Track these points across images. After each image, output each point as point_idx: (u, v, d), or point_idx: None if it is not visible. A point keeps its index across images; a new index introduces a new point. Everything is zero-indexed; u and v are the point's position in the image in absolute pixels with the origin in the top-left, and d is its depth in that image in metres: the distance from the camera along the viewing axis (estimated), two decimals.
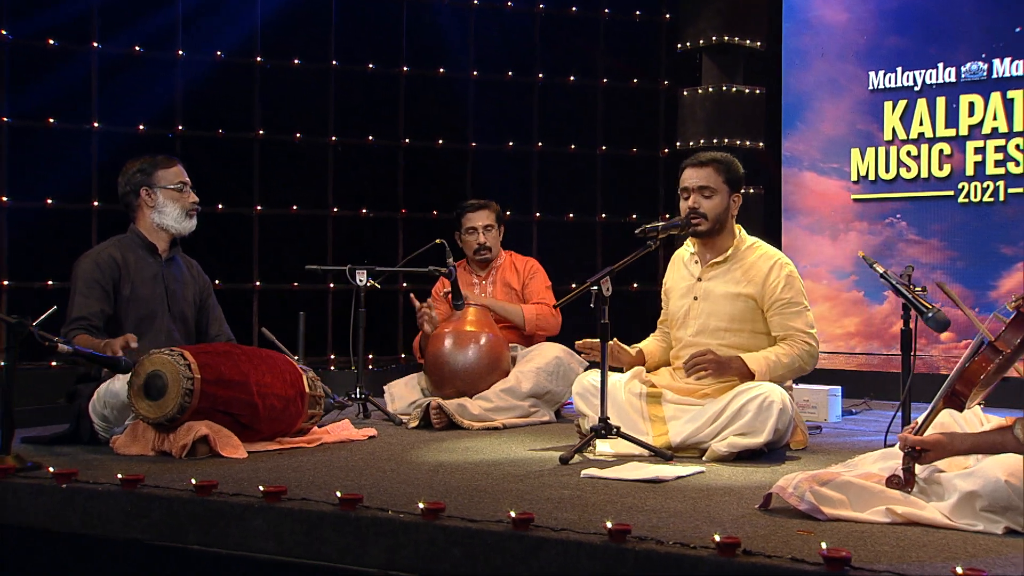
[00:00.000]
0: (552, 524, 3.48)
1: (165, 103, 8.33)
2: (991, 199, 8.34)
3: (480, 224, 6.70)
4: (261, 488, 3.88)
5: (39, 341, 4.53)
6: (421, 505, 3.60)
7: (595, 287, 4.82)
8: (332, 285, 8.60)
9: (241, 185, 8.46)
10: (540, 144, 9.19)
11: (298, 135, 8.64)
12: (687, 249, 5.45)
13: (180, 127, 8.30)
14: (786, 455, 4.99)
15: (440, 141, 8.98)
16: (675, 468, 4.51)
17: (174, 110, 8.33)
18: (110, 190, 7.90)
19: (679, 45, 9.19)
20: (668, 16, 9.39)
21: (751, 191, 8.97)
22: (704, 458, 4.83)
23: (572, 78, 9.27)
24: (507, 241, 7.04)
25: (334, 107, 8.72)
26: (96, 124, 8.04)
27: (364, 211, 8.80)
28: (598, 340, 5.07)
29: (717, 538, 3.12)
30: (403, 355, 8.74)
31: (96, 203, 8.01)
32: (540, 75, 9.19)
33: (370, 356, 8.39)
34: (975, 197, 8.39)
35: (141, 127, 8.18)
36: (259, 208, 8.48)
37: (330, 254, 8.65)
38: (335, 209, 8.70)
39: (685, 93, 9.08)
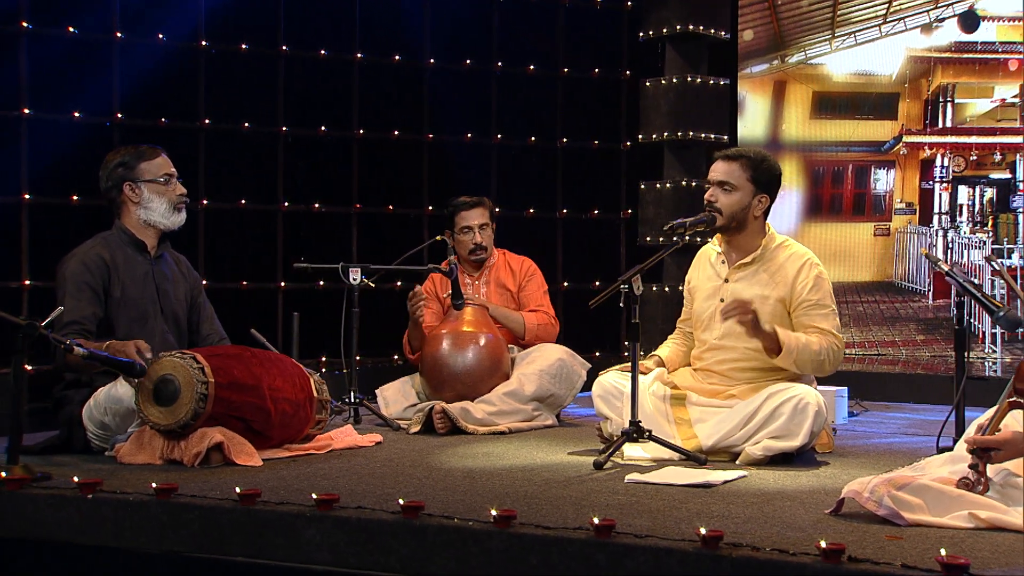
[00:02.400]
0: (626, 530, 3.55)
1: (102, 89, 8.20)
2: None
3: (476, 223, 6.78)
4: (314, 496, 3.92)
5: (54, 344, 4.53)
6: (494, 512, 3.66)
7: (625, 286, 4.92)
8: (283, 284, 8.60)
9: (185, 178, 8.31)
10: (499, 136, 9.28)
11: (246, 125, 8.59)
12: (713, 248, 5.53)
13: (119, 115, 8.17)
14: (816, 459, 5.13)
15: (396, 132, 9.02)
16: (720, 473, 4.63)
17: (112, 97, 8.19)
18: (42, 182, 7.88)
19: (641, 34, 9.32)
20: (630, 3, 9.53)
21: None
22: (737, 462, 4.96)
23: (532, 67, 9.37)
24: None
25: (284, 95, 8.70)
26: (26, 111, 7.89)
27: (316, 206, 8.80)
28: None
29: (823, 544, 3.20)
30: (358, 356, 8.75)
31: (27, 196, 7.88)
32: (499, 63, 9.28)
33: (323, 359, 8.41)
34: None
35: (76, 115, 8.05)
36: (205, 202, 8.42)
37: (280, 251, 8.63)
38: (285, 204, 8.69)
39: (647, 84, 9.21)
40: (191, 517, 4.03)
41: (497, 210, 8.94)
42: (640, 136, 9.25)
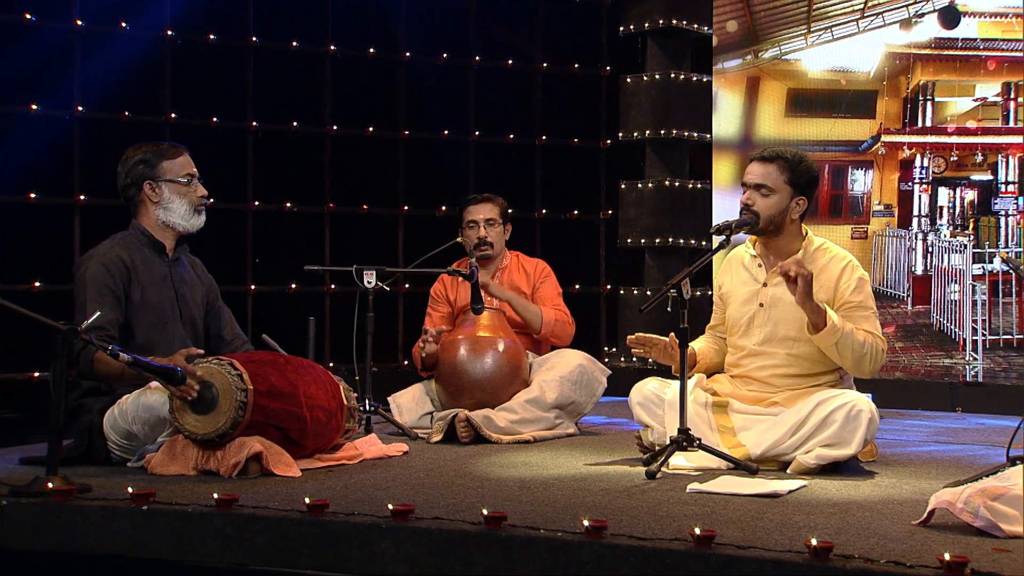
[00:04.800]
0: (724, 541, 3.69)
1: (61, 80, 8.23)
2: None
3: (482, 217, 6.92)
4: (389, 506, 4.04)
5: (97, 348, 4.61)
6: (586, 522, 3.80)
7: (674, 290, 5.09)
8: (253, 287, 8.67)
9: None
10: (477, 133, 9.44)
11: (214, 119, 8.68)
12: (747, 251, 5.68)
13: (79, 108, 8.22)
14: (864, 468, 5.32)
15: (370, 129, 9.15)
16: (780, 482, 4.79)
17: (71, 88, 8.23)
18: None
19: (621, 28, 9.52)
20: None
21: (698, 186, 9.38)
22: (788, 471, 5.13)
23: (510, 62, 9.54)
24: (447, 238, 7.20)
25: (253, 89, 8.79)
26: None
27: (288, 205, 8.89)
28: (653, 335, 5.41)
29: (947, 556, 3.32)
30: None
31: None
32: (477, 58, 9.44)
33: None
34: None
35: (33, 107, 8.09)
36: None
37: (249, 252, 8.71)
38: (255, 203, 8.76)
39: (628, 80, 9.41)
40: (257, 529, 4.12)
41: None
42: (621, 134, 9.45)
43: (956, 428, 7.16)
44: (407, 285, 8.97)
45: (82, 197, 8.20)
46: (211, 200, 5.68)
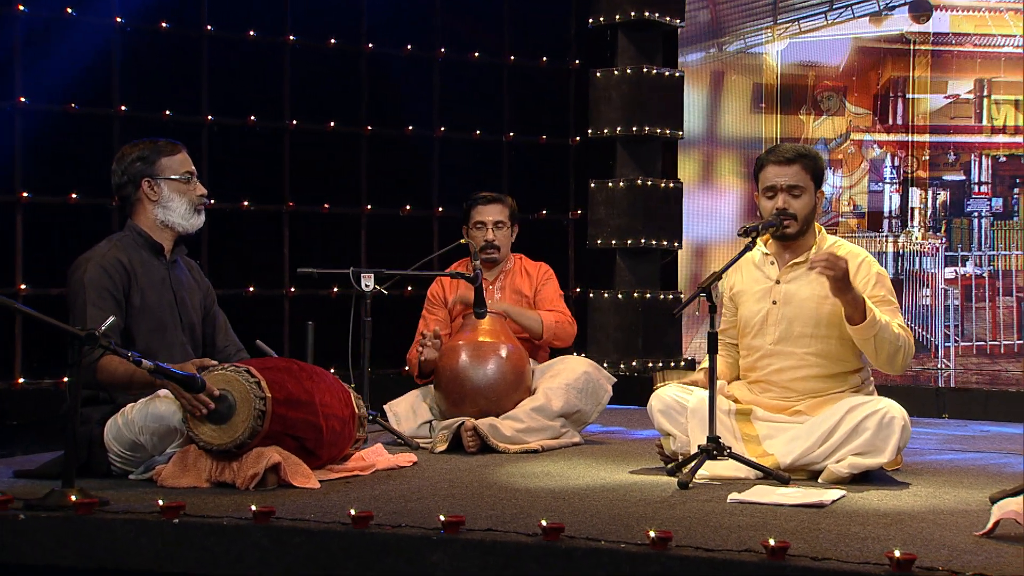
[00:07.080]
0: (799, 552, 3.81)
1: (1, 69, 8.16)
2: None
3: (491, 219, 6.97)
4: (441, 517, 4.12)
5: (122, 357, 4.64)
6: (652, 534, 3.90)
7: (703, 294, 5.22)
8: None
9: (100, 172, 8.34)
10: (442, 129, 9.54)
11: (167, 113, 8.66)
12: (758, 248, 5.77)
13: (21, 99, 8.18)
14: (893, 477, 5.45)
15: (332, 124, 9.21)
16: (820, 492, 4.93)
17: (13, 77, 8.19)
18: None
19: (591, 20, 9.65)
20: None
21: (671, 185, 9.53)
22: (820, 480, 5.27)
23: (476, 55, 9.65)
24: (412, 238, 7.27)
25: (209, 81, 8.82)
26: None
27: (245, 204, 8.92)
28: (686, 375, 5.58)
29: None
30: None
31: None
32: (442, 50, 9.54)
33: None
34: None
35: None
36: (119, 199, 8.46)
37: (205, 253, 8.71)
38: (212, 201, 8.71)
39: (598, 74, 9.54)
40: (298, 542, 4.18)
41: (440, 209, 9.25)
42: (590, 131, 9.58)
43: (964, 435, 7.34)
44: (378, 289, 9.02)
45: (25, 195, 8.15)
46: (211, 201, 5.68)
